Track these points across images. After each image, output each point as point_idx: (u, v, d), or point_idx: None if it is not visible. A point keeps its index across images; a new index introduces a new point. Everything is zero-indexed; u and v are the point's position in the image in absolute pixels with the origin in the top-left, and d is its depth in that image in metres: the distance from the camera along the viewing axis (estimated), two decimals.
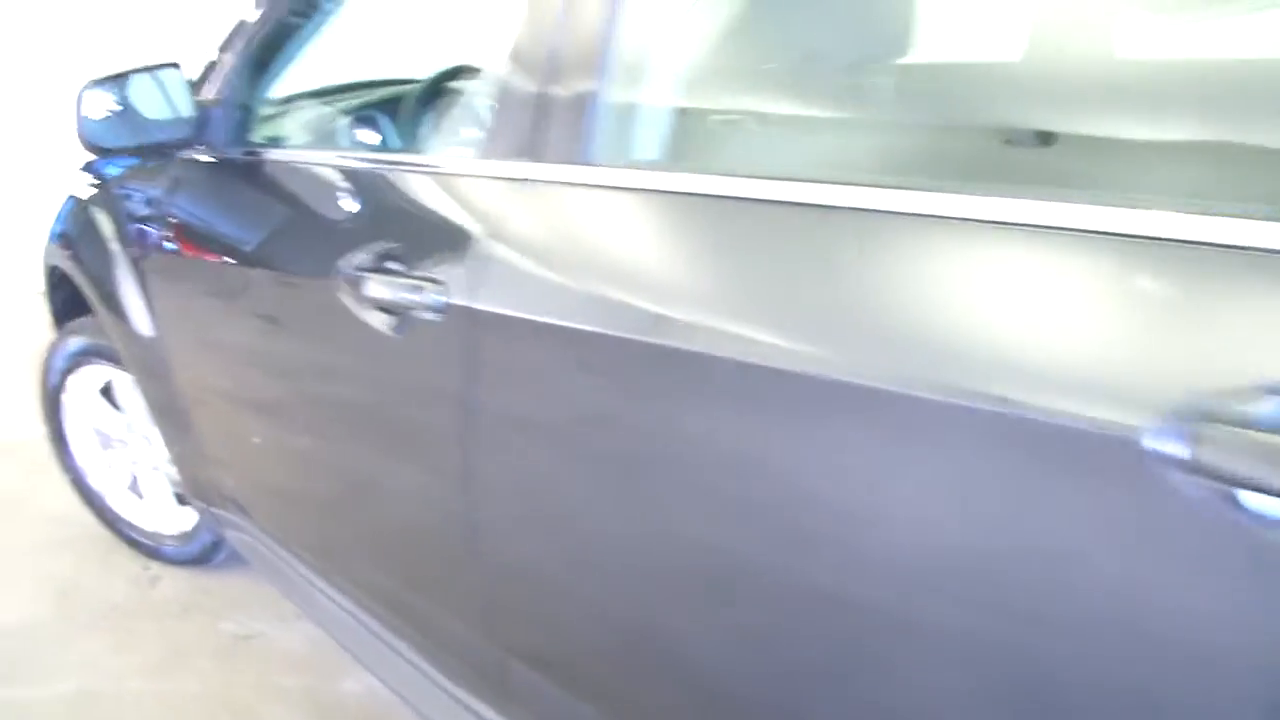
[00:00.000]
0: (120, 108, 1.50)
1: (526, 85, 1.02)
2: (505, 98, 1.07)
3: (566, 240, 0.97)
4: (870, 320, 0.72)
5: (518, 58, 1.05)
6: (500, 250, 1.00)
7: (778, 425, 0.78)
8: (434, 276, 1.07)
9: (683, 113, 1.04)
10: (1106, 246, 0.62)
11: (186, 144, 1.61)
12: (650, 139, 1.00)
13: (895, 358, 0.69)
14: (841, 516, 0.75)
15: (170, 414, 1.93)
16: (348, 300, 1.20)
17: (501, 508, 1.09)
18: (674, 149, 1.01)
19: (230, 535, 1.96)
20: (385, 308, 1.14)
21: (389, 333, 1.14)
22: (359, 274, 1.18)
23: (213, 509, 1.96)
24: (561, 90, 0.98)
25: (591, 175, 0.95)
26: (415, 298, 1.08)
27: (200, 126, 1.60)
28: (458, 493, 1.12)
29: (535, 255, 0.98)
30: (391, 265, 1.14)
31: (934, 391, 0.66)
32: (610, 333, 0.88)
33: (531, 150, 1.00)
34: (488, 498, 1.09)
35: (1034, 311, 0.64)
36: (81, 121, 1.48)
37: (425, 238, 1.13)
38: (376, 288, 1.15)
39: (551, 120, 0.99)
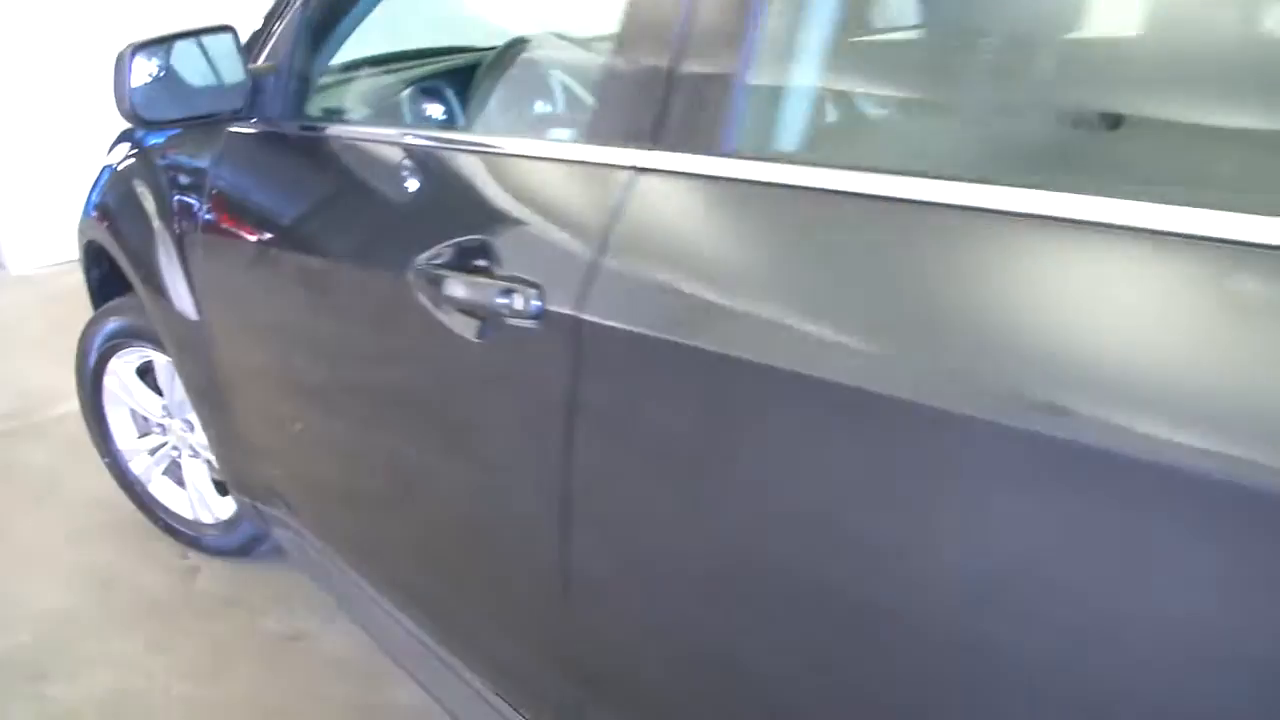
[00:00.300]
0: (166, 75, 1.36)
1: (648, 59, 0.87)
2: (619, 73, 0.92)
3: (698, 243, 0.82)
4: (1074, 367, 0.58)
5: (636, 24, 0.89)
6: (613, 252, 0.86)
7: (953, 476, 0.64)
8: (528, 279, 0.93)
9: (846, 97, 0.88)
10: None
11: (237, 116, 1.47)
12: (805, 128, 0.84)
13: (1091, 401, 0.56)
14: (1017, 582, 0.62)
15: (212, 401, 1.81)
16: (421, 297, 1.06)
17: (601, 537, 0.96)
18: (835, 141, 0.85)
19: (276, 532, 1.85)
20: (467, 309, 1.01)
21: (471, 337, 1.00)
22: (436, 270, 1.04)
23: (257, 504, 1.85)
24: (696, 66, 0.83)
25: (732, 168, 0.80)
26: (505, 301, 0.94)
27: (252, 97, 1.46)
28: (547, 515, 0.99)
29: (657, 260, 0.83)
30: (476, 263, 0.99)
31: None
32: (745, 357, 0.74)
33: (654, 136, 0.85)
34: (585, 525, 0.96)
35: None
36: (123, 89, 1.35)
37: (517, 233, 0.98)
38: (457, 287, 1.01)
39: (681, 102, 0.84)
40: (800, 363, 0.70)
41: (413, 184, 1.18)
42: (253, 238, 1.49)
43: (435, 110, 1.54)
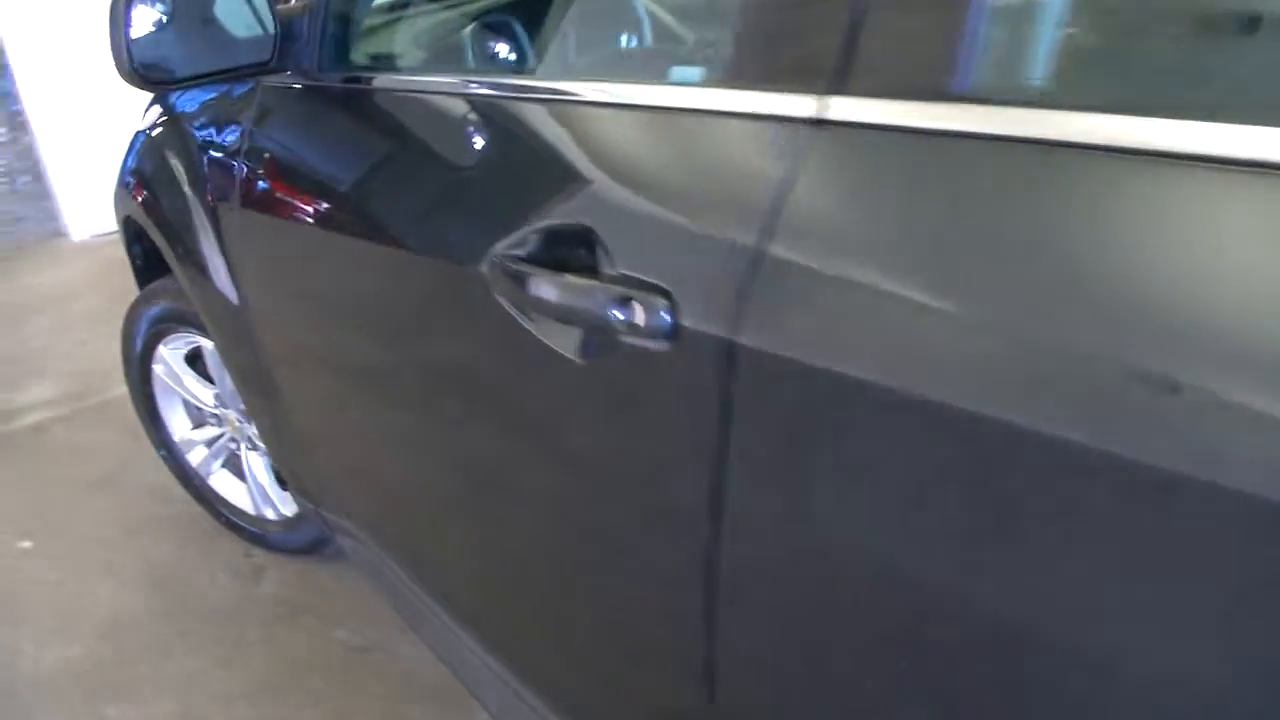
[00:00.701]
0: (172, 24, 1.11)
1: None
2: None
3: (919, 232, 0.55)
4: None
5: None
6: (782, 244, 0.59)
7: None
8: (653, 282, 0.67)
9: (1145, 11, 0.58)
10: None
11: (266, 69, 1.22)
12: (1085, 54, 0.55)
13: None
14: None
15: (260, 391, 1.60)
16: (501, 298, 0.81)
17: (761, 611, 0.71)
18: (1133, 75, 0.56)
19: (340, 540, 1.65)
20: (564, 318, 0.75)
21: (570, 355, 0.75)
22: (519, 265, 0.79)
23: (320, 509, 1.65)
24: None
25: (969, 117, 0.53)
26: (619, 314, 0.68)
27: (284, 45, 1.20)
28: (679, 573, 0.76)
29: (853, 257, 0.56)
30: (574, 256, 0.74)
31: None
32: (992, 414, 0.48)
33: (839, 74, 0.58)
34: (737, 594, 0.71)
35: None
36: (120, 44, 1.10)
37: (633, 217, 0.72)
38: (548, 288, 0.76)
39: (882, 23, 0.56)
40: (1092, 431, 0.44)
41: (484, 148, 0.92)
42: (293, 213, 1.25)
43: (508, 52, 1.25)
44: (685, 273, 0.64)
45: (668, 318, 0.65)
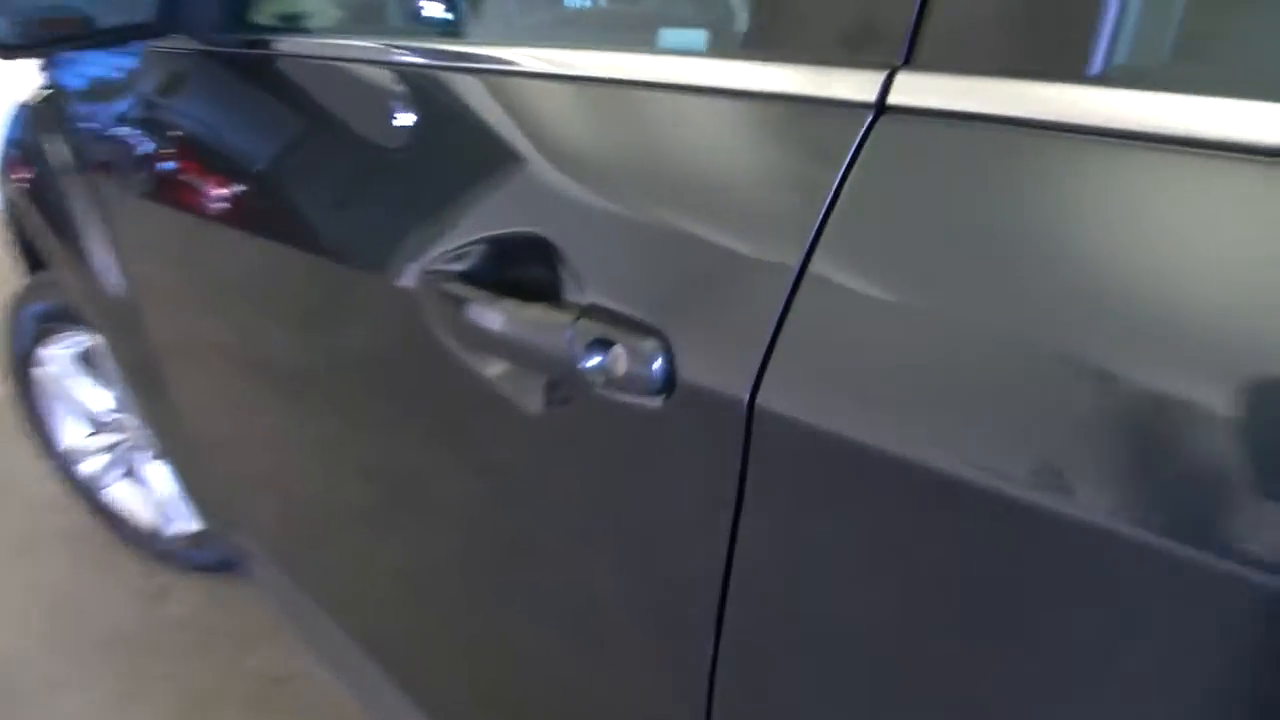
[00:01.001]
0: None
1: None
2: None
3: (1036, 263, 0.39)
4: None
5: None
6: (827, 269, 0.43)
7: None
8: (640, 319, 0.50)
9: None
10: None
11: (150, 31, 1.02)
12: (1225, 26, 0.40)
13: None
14: None
15: (153, 398, 1.42)
16: (434, 326, 0.64)
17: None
18: None
19: (242, 560, 1.47)
20: (513, 356, 0.59)
21: (526, 406, 0.59)
22: (455, 285, 0.62)
23: (218, 524, 1.47)
24: None
25: (1105, 107, 0.37)
26: (594, 363, 0.52)
27: (169, 5, 1.01)
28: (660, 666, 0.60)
29: (924, 289, 0.41)
30: (529, 277, 0.57)
31: None
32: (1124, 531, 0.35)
33: (912, 45, 0.43)
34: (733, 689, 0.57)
35: None
36: None
37: (606, 229, 0.55)
38: (492, 316, 0.59)
39: None
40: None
41: (412, 131, 0.74)
42: (186, 198, 1.06)
43: (444, 9, 1.03)
44: (685, 309, 0.48)
45: (660, 368, 0.48)
